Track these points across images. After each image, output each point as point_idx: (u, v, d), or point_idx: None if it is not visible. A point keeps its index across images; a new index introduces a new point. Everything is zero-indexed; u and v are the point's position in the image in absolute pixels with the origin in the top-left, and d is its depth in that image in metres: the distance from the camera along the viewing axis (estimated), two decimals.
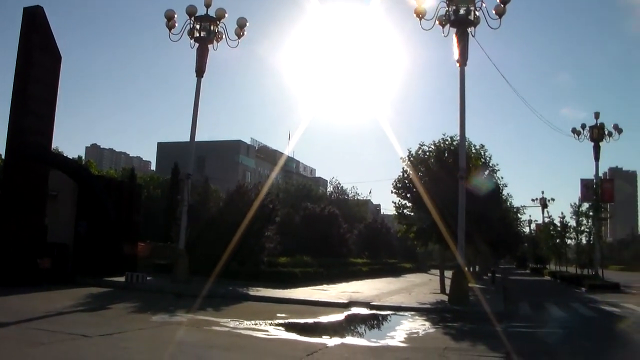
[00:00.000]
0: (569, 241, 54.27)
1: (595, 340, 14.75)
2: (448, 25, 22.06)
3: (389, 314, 19.20)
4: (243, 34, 26.65)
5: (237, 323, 14.51)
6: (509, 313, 19.51)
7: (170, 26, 26.03)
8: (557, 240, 55.16)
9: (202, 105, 29.81)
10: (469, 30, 22.05)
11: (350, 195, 73.33)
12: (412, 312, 19.43)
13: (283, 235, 34.35)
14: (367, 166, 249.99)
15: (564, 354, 12.35)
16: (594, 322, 18.79)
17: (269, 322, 15.14)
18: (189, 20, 26.22)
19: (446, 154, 25.95)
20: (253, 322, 14.89)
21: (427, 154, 26.45)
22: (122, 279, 24.50)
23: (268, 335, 12.98)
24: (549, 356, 11.70)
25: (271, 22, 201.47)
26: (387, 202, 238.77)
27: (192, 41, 26.40)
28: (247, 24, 26.62)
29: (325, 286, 28.46)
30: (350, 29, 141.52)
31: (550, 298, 28.05)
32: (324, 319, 17.02)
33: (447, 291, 23.16)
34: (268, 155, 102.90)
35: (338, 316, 17.88)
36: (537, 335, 15.09)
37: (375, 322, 17.95)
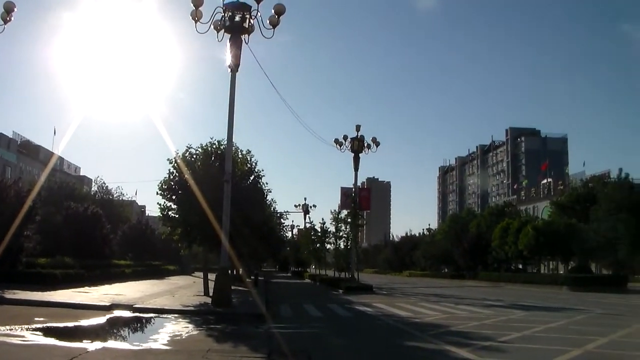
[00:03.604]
0: (328, 246, 57.88)
1: (347, 337, 16.04)
2: (223, 30, 22.54)
3: (152, 317, 19.25)
4: (10, 19, 24.97)
5: None
6: (271, 314, 20.37)
7: None
8: (318, 245, 58.53)
9: None
10: (243, 37, 22.67)
11: (115, 196, 71.20)
12: (176, 315, 19.63)
13: (44, 234, 33.16)
14: (134, 166, 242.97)
15: (319, 350, 13.29)
16: (348, 321, 20.21)
17: (26, 326, 14.54)
18: None
19: (213, 158, 26.57)
20: (8, 327, 14.20)
21: (195, 156, 26.86)
22: None
23: (24, 340, 12.49)
24: (306, 354, 12.50)
25: (42, 13, 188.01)
26: (153, 204, 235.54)
27: None
28: (16, 9, 25.02)
29: (87, 288, 27.80)
30: (124, 27, 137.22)
31: (310, 300, 29.69)
32: (85, 322, 16.69)
33: (211, 293, 23.66)
34: (31, 151, 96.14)
35: (100, 319, 17.58)
36: (296, 335, 15.95)
37: (138, 325, 17.92)
